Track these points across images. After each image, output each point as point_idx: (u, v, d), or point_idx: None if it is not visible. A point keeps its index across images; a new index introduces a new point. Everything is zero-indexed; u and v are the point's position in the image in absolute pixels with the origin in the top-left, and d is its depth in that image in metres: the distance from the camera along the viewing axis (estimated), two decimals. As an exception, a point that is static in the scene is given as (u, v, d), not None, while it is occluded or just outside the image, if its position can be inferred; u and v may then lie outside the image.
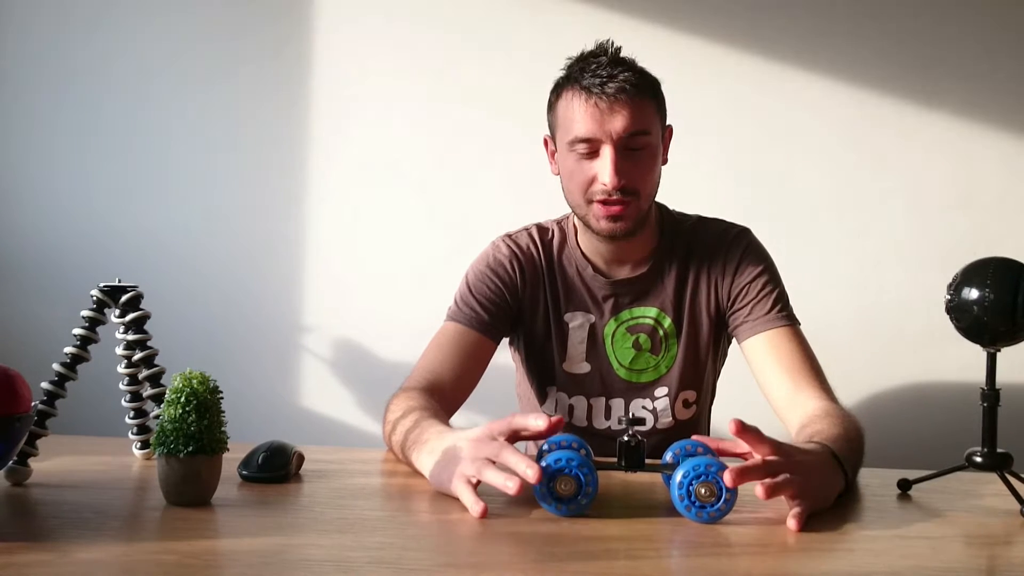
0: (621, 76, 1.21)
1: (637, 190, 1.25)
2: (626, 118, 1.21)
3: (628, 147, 1.23)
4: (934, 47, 1.94)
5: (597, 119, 1.22)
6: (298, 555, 0.81)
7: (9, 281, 2.09)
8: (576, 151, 1.25)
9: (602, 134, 1.22)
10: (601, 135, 1.22)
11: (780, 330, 1.29)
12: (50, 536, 0.85)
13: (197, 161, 2.08)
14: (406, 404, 1.17)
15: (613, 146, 1.22)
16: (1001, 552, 0.89)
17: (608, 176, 1.22)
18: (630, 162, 1.23)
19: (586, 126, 1.22)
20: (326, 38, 2.05)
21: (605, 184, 1.22)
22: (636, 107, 1.22)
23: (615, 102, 1.21)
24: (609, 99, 1.21)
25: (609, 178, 1.22)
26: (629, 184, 1.24)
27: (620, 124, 1.21)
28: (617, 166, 1.22)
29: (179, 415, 0.93)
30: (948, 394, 1.93)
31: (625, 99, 1.21)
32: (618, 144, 1.22)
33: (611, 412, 1.38)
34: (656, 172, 1.28)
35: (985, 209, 1.94)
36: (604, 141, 1.22)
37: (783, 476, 0.91)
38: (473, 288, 1.36)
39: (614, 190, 1.23)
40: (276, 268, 2.07)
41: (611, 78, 1.21)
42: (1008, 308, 0.95)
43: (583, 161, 1.25)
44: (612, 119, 1.21)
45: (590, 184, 1.25)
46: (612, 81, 1.21)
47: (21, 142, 2.10)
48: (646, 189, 1.27)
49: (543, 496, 0.93)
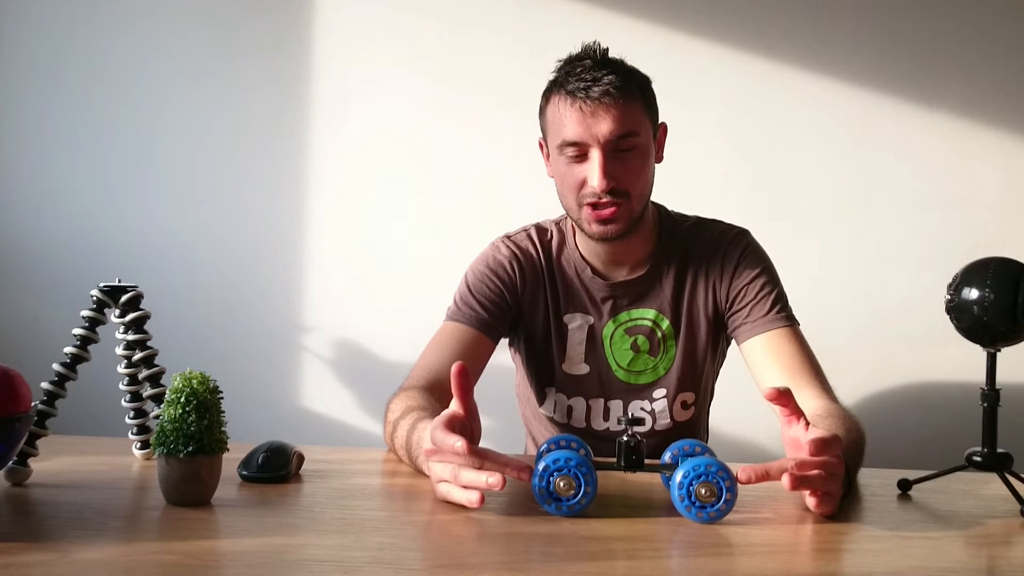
0: (606, 79, 1.22)
1: (627, 191, 1.25)
2: (612, 121, 1.22)
3: (616, 149, 1.23)
4: (934, 47, 1.94)
5: (583, 123, 1.22)
6: (298, 555, 0.81)
7: (9, 281, 2.09)
8: (565, 155, 1.26)
9: (589, 138, 1.23)
10: (588, 139, 1.23)
11: (779, 331, 1.29)
12: (50, 536, 0.85)
13: (197, 161, 2.08)
14: (405, 404, 1.17)
15: (601, 149, 1.22)
16: (1001, 552, 0.89)
17: (596, 179, 1.22)
18: (619, 164, 1.24)
19: (573, 130, 1.23)
20: (326, 38, 2.05)
21: (594, 187, 1.23)
22: (622, 109, 1.22)
23: (600, 106, 1.21)
24: (594, 103, 1.21)
25: (597, 181, 1.22)
26: (619, 186, 1.24)
27: (606, 128, 1.22)
28: (605, 169, 1.22)
29: (179, 415, 0.93)
30: (948, 394, 1.93)
31: (610, 102, 1.21)
32: (606, 147, 1.22)
33: (610, 413, 1.38)
34: (647, 172, 1.28)
35: (985, 209, 1.94)
36: (591, 144, 1.23)
37: (816, 472, 0.92)
38: (473, 288, 1.36)
39: (603, 193, 1.23)
40: (276, 268, 2.07)
41: (595, 82, 1.22)
42: (1008, 308, 0.96)
43: (573, 165, 1.25)
44: (598, 123, 1.22)
45: (580, 187, 1.25)
46: (597, 85, 1.21)
47: (21, 142, 2.10)
48: (637, 190, 1.27)
49: (542, 496, 0.93)
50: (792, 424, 0.97)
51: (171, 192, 2.08)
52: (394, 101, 2.04)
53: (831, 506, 0.93)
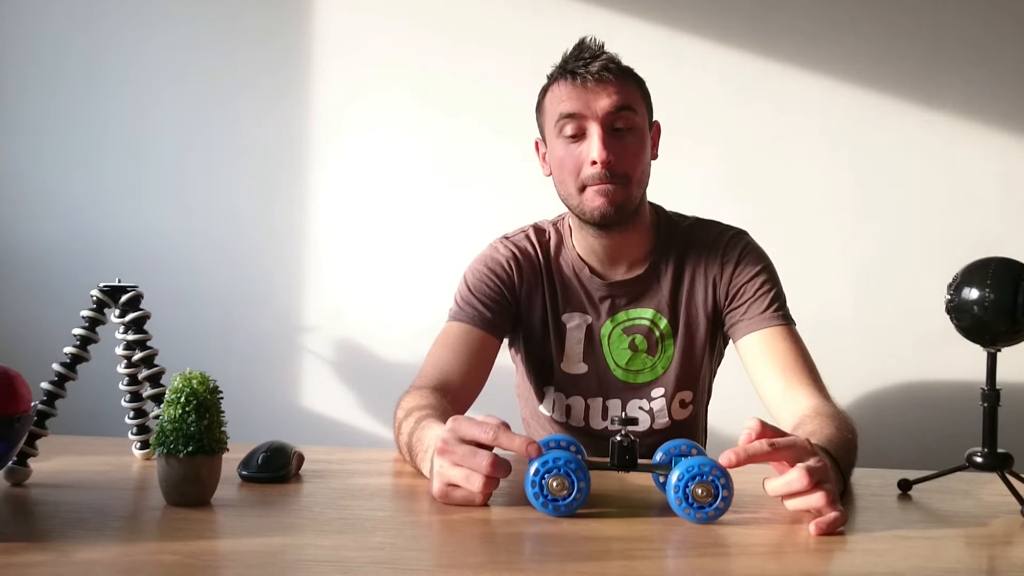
0: (604, 57, 1.26)
1: (627, 174, 1.26)
2: (610, 94, 1.24)
3: (614, 127, 1.25)
4: (934, 47, 1.94)
5: (583, 97, 1.24)
6: (298, 555, 0.81)
7: (9, 281, 2.10)
8: (564, 135, 1.26)
9: (588, 111, 1.24)
10: (587, 111, 1.24)
11: (775, 329, 1.29)
12: (50, 536, 0.85)
13: (197, 161, 2.08)
14: (411, 403, 1.17)
15: (600, 123, 1.24)
16: (1001, 552, 0.89)
17: (596, 151, 1.23)
18: (618, 143, 1.25)
19: (571, 103, 1.25)
20: (326, 38, 2.05)
21: (595, 161, 1.23)
22: (620, 85, 1.25)
23: (599, 81, 1.24)
24: (593, 77, 1.24)
25: (597, 152, 1.23)
26: (618, 166, 1.25)
27: (605, 101, 1.24)
28: (605, 141, 1.24)
29: (179, 415, 0.93)
30: (948, 394, 1.93)
31: (610, 77, 1.25)
32: (604, 122, 1.24)
33: (608, 412, 1.38)
34: (645, 158, 1.29)
35: (985, 209, 1.94)
36: (590, 118, 1.24)
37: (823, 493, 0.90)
38: (473, 288, 1.36)
39: (604, 167, 1.23)
40: (276, 268, 2.07)
41: (594, 58, 1.25)
42: (1008, 308, 0.95)
43: (571, 145, 1.26)
44: (597, 98, 1.24)
45: (580, 170, 1.26)
46: (596, 61, 1.25)
47: (21, 142, 2.10)
48: (636, 174, 1.27)
49: (534, 495, 0.92)
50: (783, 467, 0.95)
51: (171, 192, 2.08)
52: (394, 101, 2.04)
53: (835, 507, 0.91)
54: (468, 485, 0.93)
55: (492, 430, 0.92)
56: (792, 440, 0.93)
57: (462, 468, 0.93)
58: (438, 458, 0.95)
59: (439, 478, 0.95)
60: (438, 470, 0.95)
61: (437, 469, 0.95)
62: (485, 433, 0.92)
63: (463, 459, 0.93)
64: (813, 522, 0.89)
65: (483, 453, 0.92)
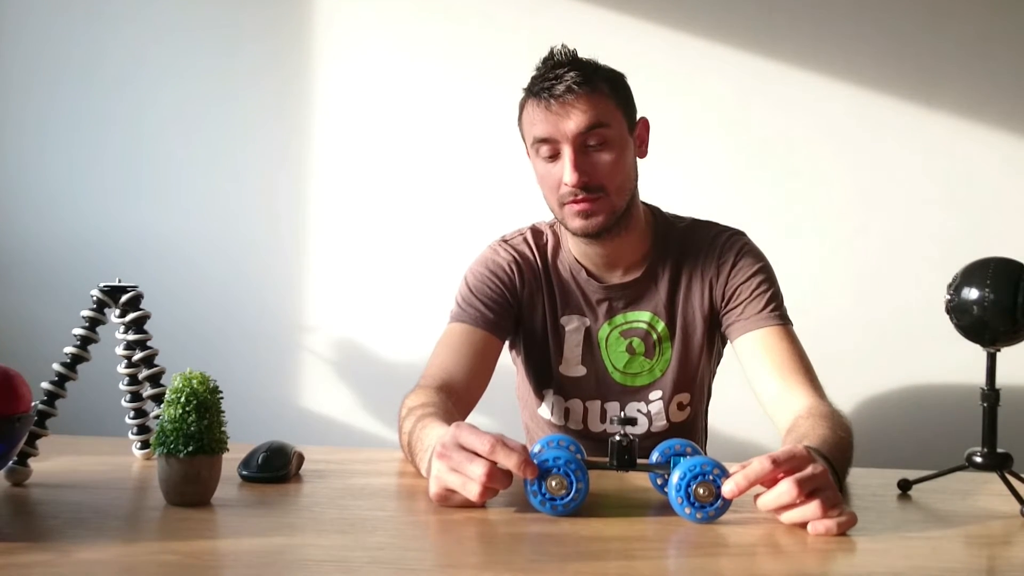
0: (568, 76, 1.23)
1: (603, 185, 1.25)
2: (577, 116, 1.23)
3: (586, 144, 1.24)
4: (934, 47, 1.94)
5: (551, 121, 1.24)
6: (298, 555, 0.81)
7: (9, 281, 2.10)
8: (541, 156, 1.27)
9: (558, 134, 1.24)
10: (557, 135, 1.24)
11: (772, 329, 1.29)
12: (50, 536, 0.85)
13: (197, 161, 2.08)
14: (413, 403, 1.18)
15: (570, 144, 1.23)
16: (1001, 552, 0.89)
17: (568, 175, 1.23)
18: (590, 159, 1.24)
19: (542, 127, 1.25)
20: (327, 38, 2.05)
21: (567, 183, 1.23)
22: (587, 103, 1.23)
23: (564, 103, 1.23)
24: (558, 100, 1.23)
25: (568, 176, 1.23)
26: (592, 181, 1.24)
27: (573, 124, 1.23)
28: (575, 163, 1.23)
29: (179, 415, 0.93)
30: (948, 394, 1.93)
31: (573, 99, 1.22)
32: (575, 143, 1.23)
33: (606, 415, 1.38)
34: (624, 166, 1.28)
35: (985, 209, 1.94)
36: (561, 141, 1.24)
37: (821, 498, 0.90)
38: (474, 289, 1.36)
39: (576, 188, 1.23)
40: (276, 268, 2.07)
41: (558, 79, 1.23)
42: (1008, 308, 0.95)
43: (548, 165, 1.27)
44: (564, 120, 1.23)
45: (558, 187, 1.26)
46: (559, 82, 1.23)
47: (20, 142, 2.10)
48: (613, 184, 1.26)
49: (534, 495, 0.92)
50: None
51: (171, 191, 2.08)
52: (395, 100, 2.04)
53: (834, 513, 0.90)
54: (464, 492, 0.93)
55: (490, 443, 0.92)
56: (790, 451, 0.93)
57: (459, 475, 0.93)
58: (436, 461, 0.95)
59: (436, 482, 0.95)
60: (436, 474, 0.95)
61: (435, 472, 0.95)
62: (483, 445, 0.92)
63: (460, 466, 0.93)
64: (810, 523, 0.89)
65: (481, 462, 0.92)
